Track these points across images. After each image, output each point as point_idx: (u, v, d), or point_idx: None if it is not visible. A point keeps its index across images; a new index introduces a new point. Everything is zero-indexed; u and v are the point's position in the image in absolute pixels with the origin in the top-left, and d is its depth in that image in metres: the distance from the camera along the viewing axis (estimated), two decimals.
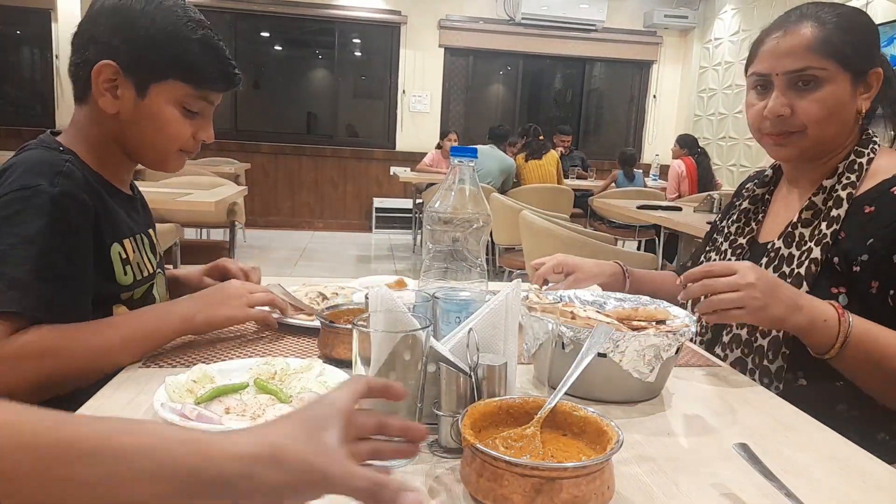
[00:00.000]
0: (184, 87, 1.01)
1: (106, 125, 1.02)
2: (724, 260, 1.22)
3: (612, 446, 0.59)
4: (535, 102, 8.66)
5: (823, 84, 1.04)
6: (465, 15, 7.78)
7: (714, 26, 7.62)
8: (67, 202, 0.90)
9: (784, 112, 1.06)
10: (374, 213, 7.86)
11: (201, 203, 2.88)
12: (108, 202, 1.00)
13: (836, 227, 1.04)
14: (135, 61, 0.98)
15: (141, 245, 1.08)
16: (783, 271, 1.09)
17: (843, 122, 1.07)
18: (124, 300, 1.02)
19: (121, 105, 0.99)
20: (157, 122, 1.01)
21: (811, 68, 1.04)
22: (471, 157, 0.88)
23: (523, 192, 5.17)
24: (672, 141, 7.98)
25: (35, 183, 0.89)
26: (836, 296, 1.03)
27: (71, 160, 0.96)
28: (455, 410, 0.68)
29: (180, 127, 1.03)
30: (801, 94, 1.06)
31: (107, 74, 0.97)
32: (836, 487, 0.67)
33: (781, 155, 1.13)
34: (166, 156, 1.06)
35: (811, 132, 1.07)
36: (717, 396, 0.90)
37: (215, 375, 0.82)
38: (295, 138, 7.86)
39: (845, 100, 1.06)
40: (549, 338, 0.81)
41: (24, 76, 7.26)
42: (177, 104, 1.02)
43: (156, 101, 1.00)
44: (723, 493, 0.64)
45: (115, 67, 0.97)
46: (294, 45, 8.11)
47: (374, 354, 0.66)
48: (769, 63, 1.08)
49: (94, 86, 0.98)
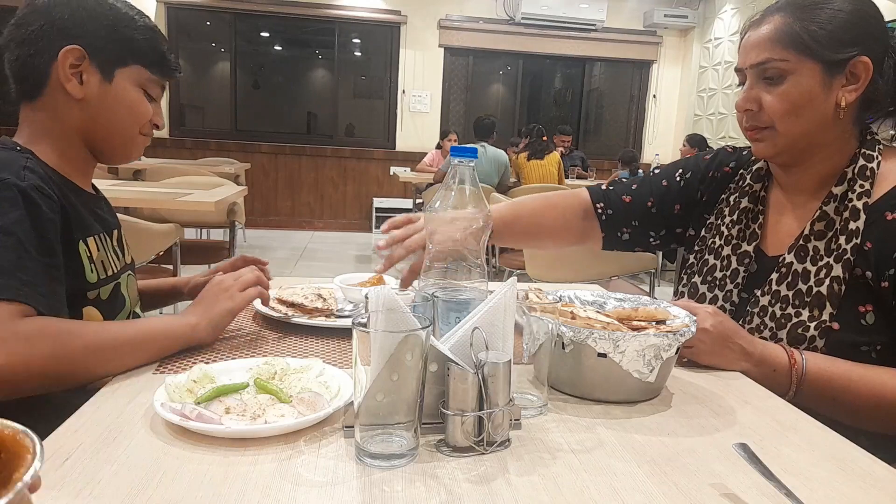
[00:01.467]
0: (145, 72, 1.05)
1: (67, 117, 1.01)
2: (726, 266, 1.16)
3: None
4: (535, 102, 8.66)
5: (787, 76, 1.00)
6: (465, 15, 7.78)
7: (714, 26, 7.62)
8: (36, 194, 0.89)
9: (750, 107, 1.04)
10: (374, 213, 7.86)
11: (201, 203, 2.87)
12: (72, 199, 0.99)
13: (856, 240, 0.99)
14: (99, 46, 1.00)
15: (105, 244, 1.07)
16: (799, 289, 1.04)
17: (817, 116, 1.01)
18: (91, 300, 1.00)
19: (86, 90, 1.00)
20: (124, 104, 1.04)
21: (772, 60, 1.00)
22: (471, 157, 0.87)
23: (522, 191, 5.17)
24: (672, 140, 7.96)
25: (3, 177, 0.88)
26: (863, 314, 0.99)
27: (30, 158, 0.95)
28: (463, 409, 0.69)
29: (145, 107, 1.07)
30: (767, 89, 1.03)
31: (72, 59, 0.98)
32: (836, 487, 0.67)
33: (759, 151, 1.09)
34: (131, 139, 1.08)
35: (779, 127, 1.03)
36: (717, 396, 0.90)
37: (215, 375, 0.82)
38: (295, 138, 7.86)
39: (814, 92, 1.00)
40: (548, 338, 0.81)
41: None
42: (139, 87, 1.06)
43: (122, 84, 1.04)
44: (723, 493, 0.64)
45: (81, 52, 0.98)
46: (294, 45, 8.10)
47: (374, 354, 0.66)
48: (742, 57, 1.06)
49: (61, 70, 0.98)
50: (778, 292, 1.06)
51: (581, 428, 0.78)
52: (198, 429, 0.70)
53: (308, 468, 0.65)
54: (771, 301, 1.07)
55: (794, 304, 1.04)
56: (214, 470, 0.64)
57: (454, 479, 0.64)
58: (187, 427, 0.70)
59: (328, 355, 0.98)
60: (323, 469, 0.65)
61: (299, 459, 0.67)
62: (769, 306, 1.07)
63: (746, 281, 1.13)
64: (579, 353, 0.84)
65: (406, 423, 0.67)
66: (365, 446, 0.67)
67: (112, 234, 1.12)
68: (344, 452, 0.68)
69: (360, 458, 0.67)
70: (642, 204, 1.31)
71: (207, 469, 0.64)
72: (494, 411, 0.70)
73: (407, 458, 0.67)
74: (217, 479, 0.62)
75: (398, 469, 0.65)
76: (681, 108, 8.28)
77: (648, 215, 1.31)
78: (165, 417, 0.70)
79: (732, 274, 1.15)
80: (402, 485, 0.63)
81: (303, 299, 1.17)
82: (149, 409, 0.75)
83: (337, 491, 0.61)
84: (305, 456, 0.67)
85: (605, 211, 1.33)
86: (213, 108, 7.69)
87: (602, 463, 0.69)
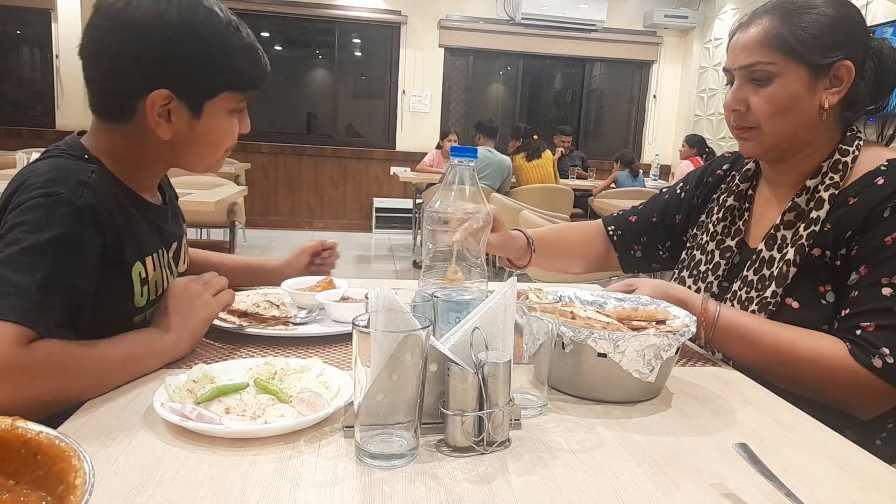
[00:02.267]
0: (234, 96, 0.99)
1: (152, 147, 0.97)
2: (709, 260, 1.22)
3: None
4: (535, 102, 8.66)
5: (774, 79, 1.03)
6: (465, 15, 7.77)
7: (714, 26, 7.62)
8: (88, 216, 0.86)
9: (737, 107, 1.08)
10: (374, 213, 7.86)
11: (201, 203, 2.88)
12: (134, 217, 0.96)
13: (814, 227, 1.04)
14: (188, 84, 0.94)
15: (162, 261, 1.03)
16: (763, 274, 1.09)
17: (802, 117, 1.05)
18: (136, 324, 0.97)
19: (174, 128, 0.95)
20: (213, 136, 1.00)
21: (760, 63, 1.03)
22: (471, 157, 0.88)
23: (523, 192, 5.17)
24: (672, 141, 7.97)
25: (58, 191, 0.85)
26: (823, 294, 1.03)
27: (96, 171, 0.91)
28: (463, 409, 0.69)
29: (233, 131, 1.02)
30: (754, 90, 1.05)
31: (160, 102, 0.93)
32: (836, 487, 0.67)
33: (746, 150, 1.13)
34: (218, 162, 1.05)
35: (766, 128, 1.06)
36: (717, 396, 0.90)
37: (215, 375, 0.82)
38: (295, 138, 7.86)
39: (800, 94, 1.03)
40: (548, 338, 0.81)
41: (24, 76, 7.25)
42: (228, 113, 1.00)
43: (211, 116, 0.97)
44: (722, 493, 0.64)
45: (169, 94, 0.92)
46: (294, 45, 8.10)
47: (374, 355, 0.66)
48: (730, 58, 1.09)
49: (150, 116, 0.93)
50: (746, 277, 1.13)
51: (581, 428, 0.78)
52: (198, 429, 0.70)
53: (308, 468, 0.65)
54: (740, 286, 1.13)
55: (758, 288, 1.10)
56: (214, 470, 0.64)
57: (454, 479, 0.64)
58: (187, 427, 0.70)
59: (328, 355, 0.98)
60: (323, 469, 0.65)
61: (299, 459, 0.67)
62: (738, 290, 1.13)
63: (727, 272, 1.19)
64: (579, 353, 0.84)
65: (406, 423, 0.67)
66: (365, 446, 0.67)
67: (171, 247, 1.09)
68: (344, 452, 0.68)
69: (360, 458, 0.67)
70: (647, 220, 1.40)
71: (207, 469, 0.64)
72: (494, 411, 0.70)
73: (407, 458, 0.67)
74: (217, 479, 0.62)
75: (398, 469, 0.66)
76: (681, 109, 8.28)
77: (654, 230, 1.39)
78: (165, 417, 0.70)
79: (714, 266, 1.21)
80: (402, 485, 0.63)
81: (255, 308, 1.13)
82: (149, 409, 0.75)
83: (337, 491, 0.61)
84: (305, 456, 0.67)
85: (616, 232, 1.43)
86: None
87: (602, 463, 0.69)
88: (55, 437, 0.43)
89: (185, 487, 0.60)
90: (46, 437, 0.43)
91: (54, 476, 0.41)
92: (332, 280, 1.26)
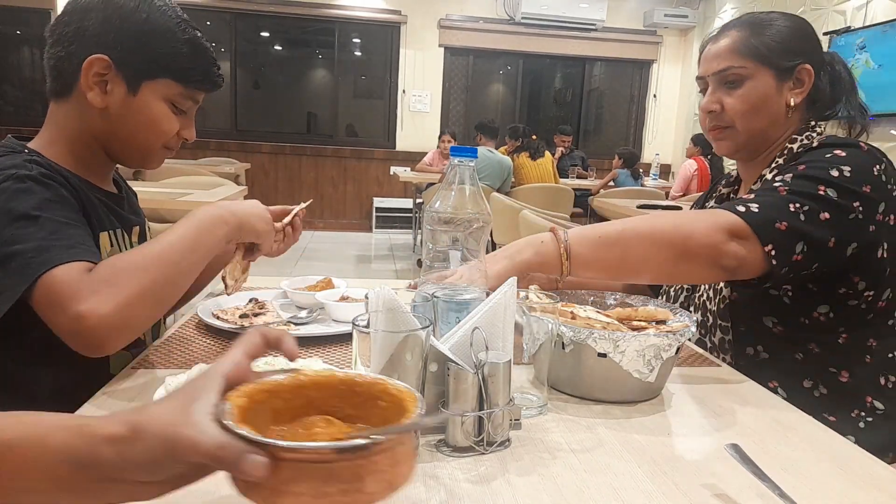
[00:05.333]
0: (176, 86, 1.01)
1: (89, 121, 1.00)
2: None
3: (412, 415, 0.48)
4: (535, 102, 8.65)
5: (745, 81, 1.13)
6: (465, 14, 7.77)
7: (714, 26, 7.61)
8: (49, 179, 0.89)
9: (714, 108, 1.17)
10: (374, 212, 7.86)
11: (201, 203, 2.87)
12: (87, 194, 0.98)
13: None
14: (128, 57, 0.97)
15: (120, 241, 1.05)
16: None
17: (771, 115, 1.14)
18: None
19: (109, 100, 0.98)
20: (147, 118, 1.01)
21: (732, 67, 1.14)
22: (471, 157, 0.87)
23: (523, 191, 5.17)
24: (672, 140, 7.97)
25: (12, 172, 0.87)
26: None
27: (36, 155, 0.95)
28: (463, 409, 0.69)
29: (170, 123, 1.03)
30: (728, 92, 1.15)
31: (98, 68, 0.95)
32: (836, 487, 0.67)
33: (721, 149, 1.21)
34: (151, 152, 1.05)
35: (739, 126, 1.15)
36: (717, 396, 0.90)
37: None
38: (295, 138, 7.86)
39: (769, 94, 1.13)
40: (548, 338, 0.81)
41: (24, 76, 7.25)
42: (167, 101, 1.02)
43: (147, 98, 0.99)
44: (722, 493, 0.64)
45: (108, 62, 0.96)
46: (294, 45, 8.10)
47: (374, 354, 0.66)
48: (704, 66, 1.19)
49: (84, 79, 0.96)
50: None
51: (581, 428, 0.78)
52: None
53: None
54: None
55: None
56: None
57: (454, 479, 0.64)
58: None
59: (328, 355, 0.98)
60: None
61: None
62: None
63: None
64: (579, 353, 0.84)
65: None
66: None
67: (132, 232, 1.10)
68: None
69: None
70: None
71: None
72: (494, 411, 0.70)
73: None
74: (217, 479, 0.62)
75: None
76: (681, 108, 8.27)
77: None
78: None
79: None
80: None
81: (248, 312, 1.11)
82: None
83: None
84: None
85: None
86: (214, 108, 7.68)
87: (602, 463, 0.69)
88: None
89: (184, 487, 0.60)
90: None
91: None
92: (331, 280, 1.26)
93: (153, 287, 0.84)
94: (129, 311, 0.80)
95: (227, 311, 1.11)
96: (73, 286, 0.78)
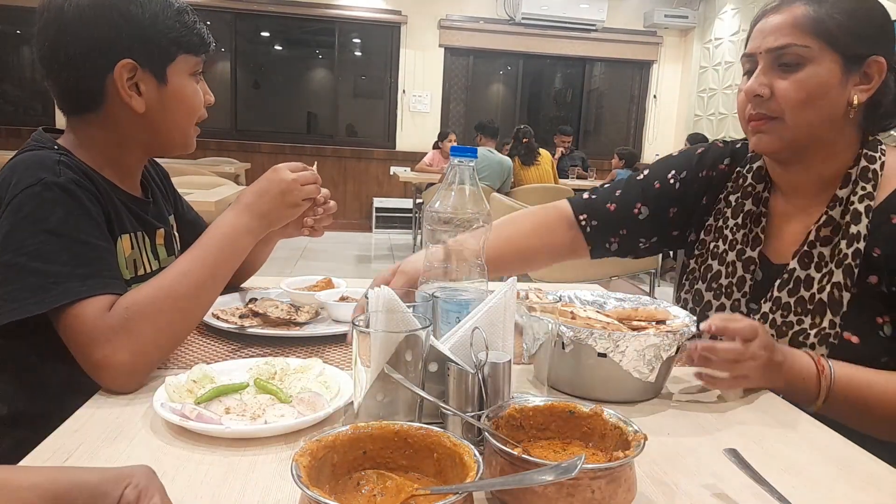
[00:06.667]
0: (190, 58, 1.02)
1: (126, 127, 1.00)
2: (732, 273, 1.11)
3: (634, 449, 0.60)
4: (535, 102, 8.66)
5: (806, 64, 0.96)
6: (465, 15, 7.77)
7: (714, 26, 7.61)
8: (75, 187, 0.90)
9: (762, 92, 0.98)
10: (374, 212, 7.86)
11: (201, 203, 2.87)
12: (111, 196, 0.99)
13: (858, 244, 0.97)
14: (147, 51, 0.96)
15: (141, 243, 1.06)
16: (801, 296, 1.01)
17: (827, 110, 0.97)
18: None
19: (146, 99, 0.98)
20: (181, 99, 1.02)
21: (793, 45, 0.96)
22: (471, 158, 0.87)
23: (523, 192, 5.17)
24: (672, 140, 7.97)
25: (39, 177, 0.88)
26: (881, 326, 0.97)
27: (65, 154, 0.95)
28: (463, 408, 0.69)
29: (199, 95, 1.05)
30: (782, 75, 0.97)
31: (127, 73, 0.95)
32: (836, 487, 0.67)
33: (762, 145, 1.02)
34: (189, 134, 1.07)
35: (789, 118, 0.98)
36: (717, 396, 0.90)
37: (215, 375, 0.82)
38: (295, 138, 7.86)
39: (831, 84, 0.96)
40: (548, 338, 0.81)
41: (24, 76, 7.25)
42: (191, 77, 1.03)
43: (175, 81, 1.00)
44: (722, 493, 0.64)
45: (133, 64, 0.95)
46: (294, 45, 8.10)
47: (374, 354, 0.66)
48: (756, 41, 1.01)
49: (120, 90, 0.95)
50: (779, 299, 1.03)
51: None
52: (198, 429, 0.70)
53: None
54: (772, 308, 1.04)
55: (796, 311, 1.01)
56: (214, 470, 0.64)
57: None
58: (187, 427, 0.70)
59: (328, 355, 0.98)
60: None
61: None
62: (770, 313, 1.04)
63: (753, 290, 1.09)
64: (579, 353, 0.84)
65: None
66: None
67: (155, 235, 1.11)
68: None
69: None
70: (629, 211, 1.22)
71: (207, 469, 0.64)
72: None
73: None
74: (217, 479, 0.62)
75: None
76: (681, 108, 8.28)
77: (636, 222, 1.22)
78: (165, 417, 0.70)
79: (739, 282, 1.10)
80: None
81: (280, 312, 1.10)
82: (149, 409, 0.75)
83: None
84: None
85: (590, 222, 1.23)
86: (213, 108, 7.53)
87: None
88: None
89: (185, 487, 0.60)
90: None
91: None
92: (331, 280, 1.26)
93: (169, 329, 0.87)
94: (144, 357, 0.83)
95: (226, 311, 1.11)
96: (89, 330, 0.81)
